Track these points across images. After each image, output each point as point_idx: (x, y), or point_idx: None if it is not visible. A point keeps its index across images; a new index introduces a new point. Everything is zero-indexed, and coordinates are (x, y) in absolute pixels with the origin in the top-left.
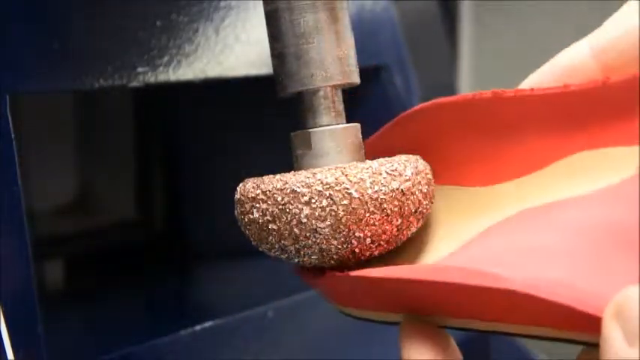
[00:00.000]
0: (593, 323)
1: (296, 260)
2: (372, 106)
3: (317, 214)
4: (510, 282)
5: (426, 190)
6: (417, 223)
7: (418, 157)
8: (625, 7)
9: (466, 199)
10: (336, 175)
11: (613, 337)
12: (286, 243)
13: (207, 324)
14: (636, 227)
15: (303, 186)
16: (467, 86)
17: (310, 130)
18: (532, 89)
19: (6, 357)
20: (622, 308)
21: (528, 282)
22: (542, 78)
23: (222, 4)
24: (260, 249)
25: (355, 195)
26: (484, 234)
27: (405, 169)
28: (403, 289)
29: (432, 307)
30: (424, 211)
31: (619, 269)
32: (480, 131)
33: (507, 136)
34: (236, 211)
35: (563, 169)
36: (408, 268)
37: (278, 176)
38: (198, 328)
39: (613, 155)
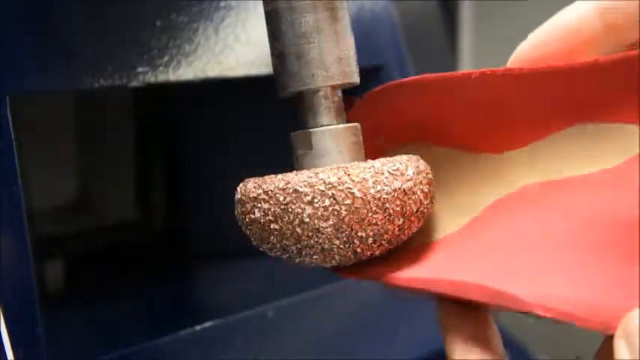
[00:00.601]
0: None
1: (297, 260)
2: None
3: (319, 213)
4: (527, 304)
5: (427, 190)
6: (418, 223)
7: (418, 157)
8: None
9: (473, 167)
10: (339, 175)
11: (622, 354)
12: (288, 243)
13: (207, 324)
14: (636, 222)
15: (305, 185)
16: None
17: (311, 130)
18: (521, 68)
19: (6, 357)
20: (627, 331)
21: (543, 302)
22: (543, 38)
23: (222, 4)
24: (261, 249)
25: (358, 195)
26: (491, 210)
27: (407, 169)
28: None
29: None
30: (425, 210)
31: (623, 274)
32: (472, 105)
33: (501, 109)
34: (237, 211)
35: (564, 143)
36: (432, 280)
37: (280, 176)
38: (198, 328)
39: (614, 132)
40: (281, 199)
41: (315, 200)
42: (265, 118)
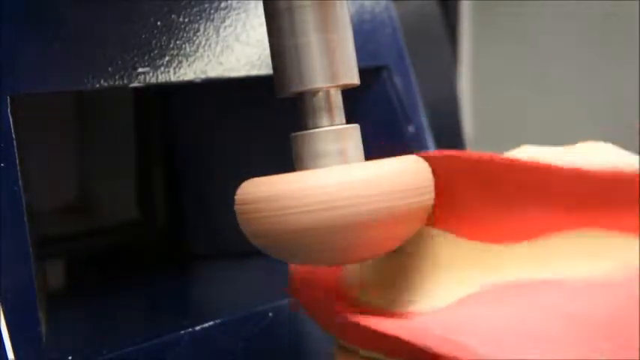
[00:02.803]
0: None
1: (297, 261)
2: (372, 106)
3: (318, 215)
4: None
5: (427, 190)
6: (418, 223)
7: (418, 157)
8: None
9: (466, 252)
10: (339, 176)
11: None
12: (287, 244)
13: (207, 324)
14: (623, 325)
15: (304, 187)
16: (467, 87)
17: (310, 130)
18: (549, 164)
19: (6, 357)
20: None
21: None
22: None
23: (223, 4)
24: (260, 249)
25: (358, 195)
26: (476, 296)
27: (407, 169)
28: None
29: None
30: (425, 211)
31: None
32: (485, 190)
33: (512, 200)
34: (236, 212)
35: (563, 245)
36: (398, 325)
37: (280, 176)
38: (198, 328)
39: (612, 241)
40: (281, 200)
41: (314, 201)
42: (265, 118)
